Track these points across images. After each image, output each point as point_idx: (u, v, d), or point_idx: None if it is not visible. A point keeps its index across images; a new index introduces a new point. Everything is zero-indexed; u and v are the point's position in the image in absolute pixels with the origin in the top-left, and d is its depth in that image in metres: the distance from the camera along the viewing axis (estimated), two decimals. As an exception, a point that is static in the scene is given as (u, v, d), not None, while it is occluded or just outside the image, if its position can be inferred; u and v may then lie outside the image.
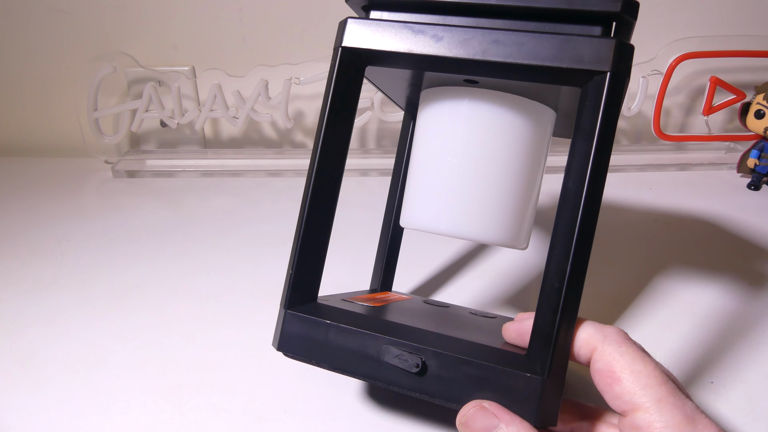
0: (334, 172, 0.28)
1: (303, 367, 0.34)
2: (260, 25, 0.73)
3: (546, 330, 0.23)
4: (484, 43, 0.25)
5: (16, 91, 0.78)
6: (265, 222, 0.57)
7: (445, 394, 0.24)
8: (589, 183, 0.23)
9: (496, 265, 0.49)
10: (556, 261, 0.23)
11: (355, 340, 0.25)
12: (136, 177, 0.72)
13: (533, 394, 0.23)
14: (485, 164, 0.29)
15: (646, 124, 0.76)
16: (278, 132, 0.79)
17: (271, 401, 0.32)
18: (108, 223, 0.57)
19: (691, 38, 0.69)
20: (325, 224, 0.28)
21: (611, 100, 0.23)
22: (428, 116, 0.31)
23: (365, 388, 0.33)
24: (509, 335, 0.27)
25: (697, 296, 0.43)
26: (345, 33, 0.27)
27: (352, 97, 0.28)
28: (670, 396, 0.21)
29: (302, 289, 0.28)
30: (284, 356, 0.27)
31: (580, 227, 0.23)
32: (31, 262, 0.49)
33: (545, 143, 0.31)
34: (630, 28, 0.26)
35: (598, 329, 0.24)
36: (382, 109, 0.70)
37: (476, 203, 0.29)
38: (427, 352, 0.24)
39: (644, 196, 0.64)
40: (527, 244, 0.32)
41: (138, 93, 0.73)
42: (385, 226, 0.40)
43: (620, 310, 0.41)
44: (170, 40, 0.74)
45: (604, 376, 0.23)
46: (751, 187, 0.66)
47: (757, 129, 0.64)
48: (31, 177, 0.71)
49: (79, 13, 0.72)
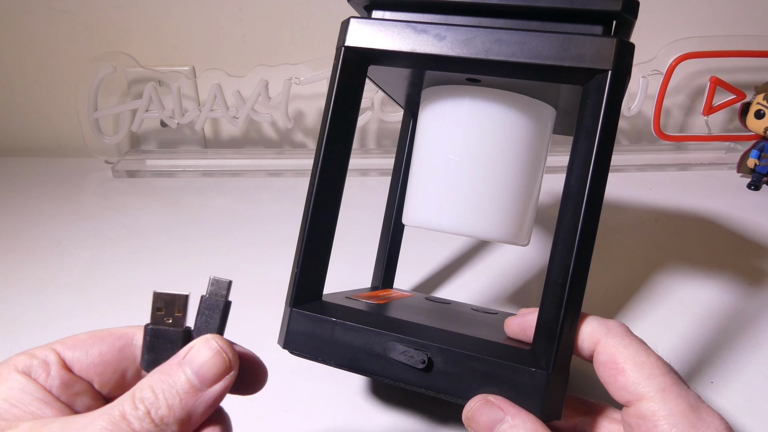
0: (337, 170, 0.28)
1: (303, 366, 0.34)
2: (260, 25, 0.73)
3: (550, 325, 0.23)
4: (487, 42, 0.25)
5: (16, 91, 0.78)
6: (265, 222, 0.57)
7: (451, 389, 0.24)
8: (592, 179, 0.23)
9: (497, 263, 0.49)
10: (560, 257, 0.24)
11: (361, 337, 0.25)
12: (136, 177, 0.72)
13: (538, 388, 0.23)
14: (487, 161, 0.29)
15: (646, 124, 0.76)
16: (278, 132, 0.79)
17: (271, 401, 0.32)
18: (108, 223, 0.57)
19: (691, 38, 0.69)
20: (329, 222, 0.28)
21: (612, 98, 0.23)
22: (430, 115, 0.31)
23: (365, 386, 0.33)
24: (512, 330, 0.27)
25: (697, 296, 0.43)
26: (348, 32, 0.27)
27: (355, 96, 0.28)
28: (674, 386, 0.21)
29: (307, 288, 0.28)
30: (290, 354, 0.27)
31: (583, 223, 0.23)
32: (31, 262, 0.49)
33: (546, 141, 0.31)
34: (630, 27, 0.26)
35: (601, 323, 0.24)
36: (382, 109, 0.70)
37: (478, 200, 0.29)
38: (433, 348, 0.24)
39: (644, 196, 0.64)
40: (528, 240, 0.32)
41: (138, 93, 0.73)
42: (385, 224, 0.40)
43: (620, 310, 0.41)
44: (170, 40, 0.74)
45: (608, 368, 0.23)
46: (751, 187, 0.66)
47: (757, 129, 0.64)
48: (31, 177, 0.71)
49: (79, 13, 0.72)
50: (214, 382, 0.19)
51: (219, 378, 0.19)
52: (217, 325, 0.21)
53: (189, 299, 0.21)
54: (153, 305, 0.20)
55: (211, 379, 0.19)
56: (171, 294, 0.20)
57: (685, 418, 0.21)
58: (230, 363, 0.19)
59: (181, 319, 0.21)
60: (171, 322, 0.20)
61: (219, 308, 0.21)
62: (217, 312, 0.21)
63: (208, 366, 0.19)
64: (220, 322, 0.21)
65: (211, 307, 0.21)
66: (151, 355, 0.20)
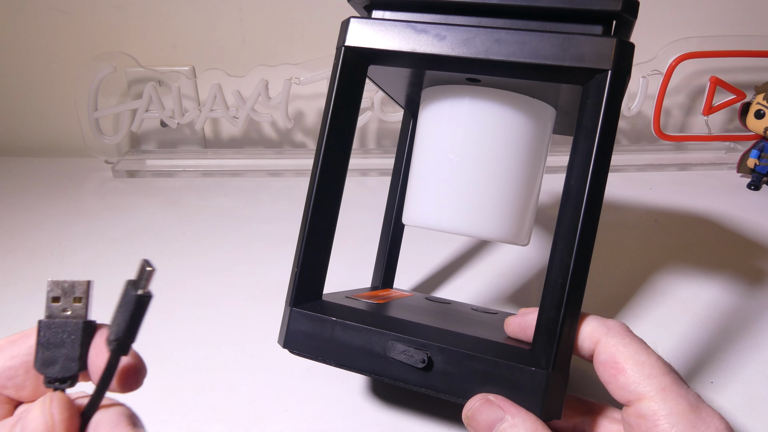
0: (337, 170, 0.28)
1: (303, 366, 0.34)
2: (260, 25, 0.73)
3: (550, 324, 0.23)
4: (487, 42, 0.25)
5: (16, 90, 0.77)
6: (265, 222, 0.57)
7: (451, 389, 0.24)
8: (592, 179, 0.23)
9: (497, 262, 0.49)
10: (560, 257, 0.24)
11: (361, 337, 0.25)
12: (136, 177, 0.72)
13: (538, 387, 0.23)
14: (486, 161, 0.29)
15: (646, 124, 0.76)
16: (278, 132, 0.79)
17: (271, 401, 0.32)
18: (108, 223, 0.57)
19: (691, 38, 0.69)
20: (330, 222, 0.28)
21: (612, 98, 0.23)
22: (430, 114, 0.31)
23: (365, 386, 0.33)
24: (512, 329, 0.27)
25: (698, 296, 0.43)
26: (348, 32, 0.27)
27: (355, 96, 0.28)
28: (674, 385, 0.21)
29: (307, 287, 0.28)
30: (290, 353, 0.27)
31: (583, 223, 0.23)
32: (31, 262, 0.49)
33: (546, 140, 0.31)
34: (630, 27, 0.26)
35: (602, 322, 0.24)
36: (382, 109, 0.70)
37: (478, 200, 0.29)
38: (433, 348, 0.24)
39: (644, 196, 0.64)
40: (528, 240, 0.32)
41: (138, 93, 0.73)
42: (385, 224, 0.40)
43: (620, 310, 0.41)
44: (170, 40, 0.74)
45: (608, 368, 0.23)
46: (751, 187, 0.66)
47: (757, 129, 0.64)
48: (31, 177, 0.71)
49: (79, 13, 0.72)
50: None
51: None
52: (123, 327, 0.17)
53: (91, 286, 0.18)
54: (47, 295, 0.18)
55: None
56: (70, 281, 0.18)
57: (685, 417, 0.21)
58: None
59: (81, 309, 0.18)
60: (69, 314, 0.18)
61: (130, 304, 0.17)
62: (127, 309, 0.17)
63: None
64: (127, 324, 0.17)
65: (126, 300, 0.17)
66: (46, 353, 0.18)
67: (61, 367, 0.18)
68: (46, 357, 0.18)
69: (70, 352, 0.18)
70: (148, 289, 0.17)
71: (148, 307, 0.17)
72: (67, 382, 0.18)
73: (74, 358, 0.18)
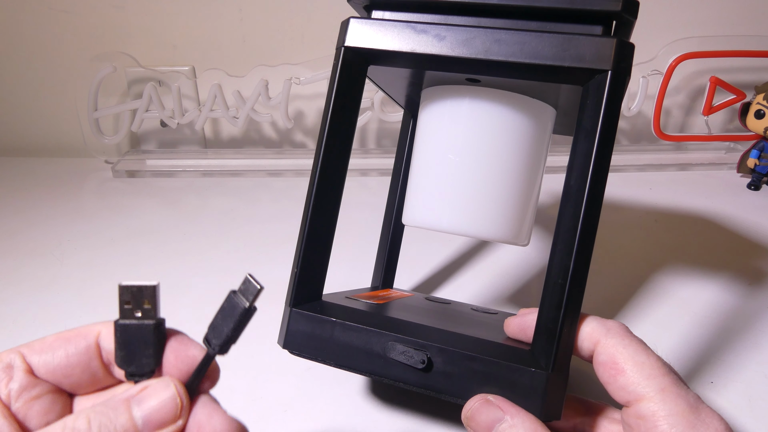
0: (337, 170, 0.28)
1: (303, 366, 0.34)
2: (260, 25, 0.73)
3: (550, 325, 0.23)
4: (487, 42, 0.25)
5: (16, 90, 0.78)
6: (265, 222, 0.57)
7: (450, 389, 0.24)
8: (592, 180, 0.23)
9: (497, 263, 0.49)
10: (560, 257, 0.24)
11: (361, 337, 0.25)
12: (136, 177, 0.72)
13: (538, 388, 0.23)
14: (486, 161, 0.29)
15: (646, 124, 0.76)
16: (278, 132, 0.79)
17: (271, 401, 0.32)
18: (108, 223, 0.57)
19: (691, 38, 0.69)
20: (329, 223, 0.28)
21: (612, 98, 0.23)
22: (430, 115, 0.31)
23: (365, 386, 0.33)
24: (511, 330, 0.27)
25: (698, 296, 0.43)
26: (347, 33, 0.27)
27: (355, 96, 0.28)
28: (674, 386, 0.21)
29: (307, 288, 0.28)
30: (290, 354, 0.27)
31: (583, 223, 0.23)
32: (31, 262, 0.49)
33: (546, 140, 0.31)
34: (630, 27, 0.26)
35: (601, 323, 0.24)
36: (382, 109, 0.70)
37: (478, 200, 0.29)
38: (433, 349, 0.24)
39: (644, 196, 0.64)
40: (528, 240, 0.32)
41: (138, 93, 0.73)
42: (385, 224, 0.40)
43: (620, 310, 0.41)
44: (170, 40, 0.74)
45: (607, 368, 0.23)
46: (751, 187, 0.66)
47: (757, 129, 0.64)
48: (31, 177, 0.71)
49: (79, 13, 0.72)
50: (159, 428, 0.17)
51: (165, 425, 0.18)
52: (226, 334, 0.19)
53: (158, 289, 0.20)
54: (120, 299, 0.19)
55: (157, 424, 0.17)
56: (138, 285, 0.19)
57: (685, 418, 0.21)
58: (181, 411, 0.18)
59: (150, 311, 0.19)
60: (141, 315, 0.19)
61: (235, 315, 0.19)
62: (231, 319, 0.19)
63: (159, 410, 0.18)
64: (230, 332, 0.19)
65: (230, 309, 0.19)
66: (123, 351, 0.19)
67: (138, 363, 0.19)
68: (125, 355, 0.19)
69: (145, 351, 0.19)
70: (255, 304, 0.20)
71: (251, 318, 0.20)
72: (144, 377, 0.20)
73: (149, 356, 0.19)
